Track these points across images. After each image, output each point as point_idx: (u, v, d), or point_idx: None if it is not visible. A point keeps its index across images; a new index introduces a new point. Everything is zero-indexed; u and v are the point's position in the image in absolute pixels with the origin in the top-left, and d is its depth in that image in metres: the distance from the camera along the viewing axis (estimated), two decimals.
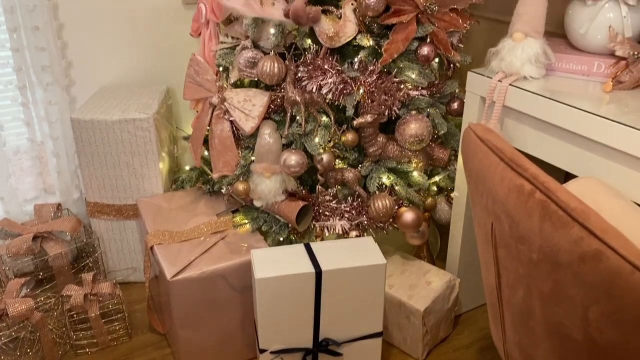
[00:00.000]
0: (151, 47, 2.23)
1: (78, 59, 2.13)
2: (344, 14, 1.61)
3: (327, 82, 1.63)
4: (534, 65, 1.46)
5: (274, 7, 1.62)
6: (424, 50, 1.65)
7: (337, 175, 1.75)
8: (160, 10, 2.21)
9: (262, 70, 1.65)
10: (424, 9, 1.62)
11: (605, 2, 1.42)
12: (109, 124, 1.89)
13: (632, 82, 1.38)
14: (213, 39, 1.84)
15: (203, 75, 1.79)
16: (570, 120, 1.31)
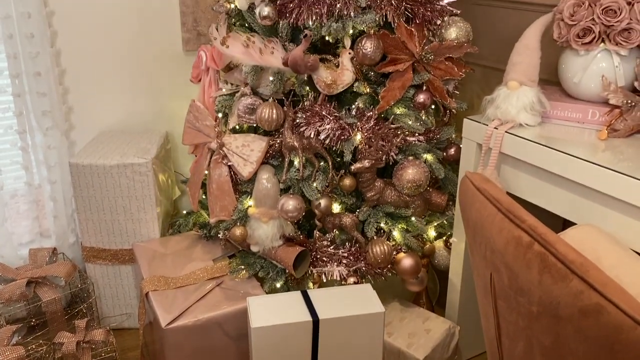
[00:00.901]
0: (151, 92, 2.26)
1: (78, 104, 2.15)
2: (342, 63, 1.64)
3: (325, 128, 1.65)
4: (529, 113, 1.47)
5: (273, 56, 1.65)
6: (420, 97, 1.67)
7: (334, 220, 1.74)
8: (161, 57, 2.25)
9: (261, 116, 1.67)
10: (420, 58, 1.65)
11: (597, 52, 1.44)
12: (107, 169, 1.90)
13: (626, 130, 1.39)
14: (213, 86, 1.87)
15: (202, 121, 1.81)
16: (567, 167, 1.32)
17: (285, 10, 1.61)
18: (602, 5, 1.39)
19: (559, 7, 1.51)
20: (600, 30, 1.41)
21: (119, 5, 2.11)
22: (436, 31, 1.68)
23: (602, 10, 1.39)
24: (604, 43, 1.43)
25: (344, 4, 1.56)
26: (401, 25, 1.62)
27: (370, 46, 1.58)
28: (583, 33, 1.43)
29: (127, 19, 2.14)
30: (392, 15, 1.59)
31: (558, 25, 1.50)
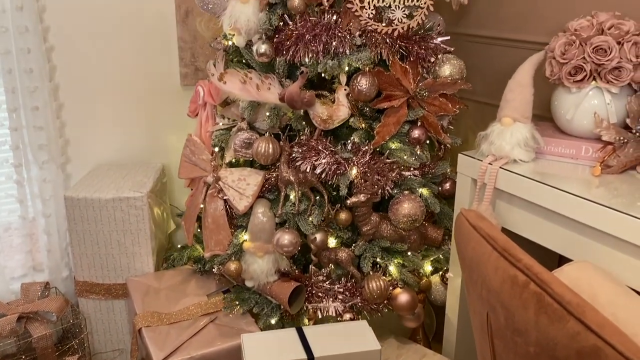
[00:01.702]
0: (148, 125, 2.28)
1: (75, 137, 2.16)
2: (337, 99, 1.66)
3: (321, 162, 1.65)
4: (523, 149, 1.48)
5: (270, 91, 1.67)
6: (415, 133, 1.69)
7: (330, 255, 1.74)
8: (158, 91, 2.27)
9: (257, 150, 1.68)
10: (415, 94, 1.67)
11: (589, 89, 1.46)
12: (102, 202, 1.89)
13: (619, 166, 1.40)
14: (210, 120, 1.89)
15: (199, 155, 1.82)
16: (561, 203, 1.32)
17: (282, 47, 1.64)
18: (593, 44, 1.42)
19: (550, 45, 1.54)
20: (592, 69, 1.43)
21: (118, 40, 2.14)
22: (430, 68, 1.71)
23: (592, 49, 1.42)
24: (595, 81, 1.45)
25: (339, 42, 1.58)
26: (396, 62, 1.64)
27: (366, 83, 1.61)
28: (574, 71, 1.46)
29: (126, 53, 2.17)
30: (387, 53, 1.62)
31: (550, 63, 1.53)
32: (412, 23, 1.61)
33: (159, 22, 2.19)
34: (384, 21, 1.60)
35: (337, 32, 1.59)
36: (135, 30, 2.16)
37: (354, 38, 1.60)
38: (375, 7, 1.58)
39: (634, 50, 1.40)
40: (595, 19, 1.47)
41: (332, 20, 1.59)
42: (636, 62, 1.40)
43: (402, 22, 1.60)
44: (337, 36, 1.59)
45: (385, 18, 1.60)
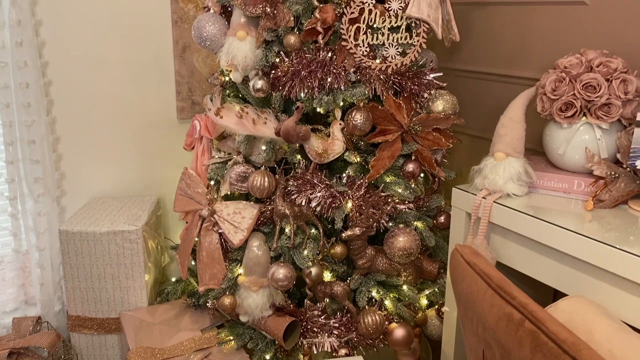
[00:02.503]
0: (145, 158, 2.29)
1: (71, 171, 2.17)
2: (333, 133, 1.68)
3: (316, 195, 1.66)
4: (516, 183, 1.50)
5: (266, 126, 1.69)
6: (409, 167, 1.70)
7: (325, 289, 1.73)
8: (155, 124, 2.29)
9: (253, 184, 1.69)
10: (408, 129, 1.69)
11: (580, 125, 1.49)
12: (97, 236, 1.89)
13: (611, 200, 1.41)
14: (206, 154, 1.90)
15: (194, 188, 1.82)
16: (554, 238, 1.33)
17: (278, 83, 1.66)
18: (582, 81, 1.45)
19: (541, 82, 1.57)
20: (582, 105, 1.46)
21: (116, 74, 2.17)
22: (423, 103, 1.74)
23: (582, 86, 1.45)
24: (585, 117, 1.48)
25: (334, 78, 1.61)
26: (390, 98, 1.67)
27: (360, 118, 1.63)
28: (565, 107, 1.49)
29: (124, 87, 2.19)
30: (381, 89, 1.65)
31: (541, 99, 1.56)
32: (406, 60, 1.64)
33: (156, 56, 2.22)
34: (377, 58, 1.63)
35: (332, 68, 1.61)
36: (133, 65, 2.19)
37: (349, 74, 1.63)
38: (369, 45, 1.61)
39: (622, 87, 1.43)
40: (584, 56, 1.50)
41: (327, 57, 1.62)
42: (625, 98, 1.43)
43: (396, 59, 1.63)
44: (332, 72, 1.61)
45: (379, 55, 1.63)
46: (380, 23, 1.60)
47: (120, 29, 2.14)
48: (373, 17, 1.59)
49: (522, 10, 1.89)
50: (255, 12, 1.61)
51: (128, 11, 2.13)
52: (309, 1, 1.59)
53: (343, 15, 1.59)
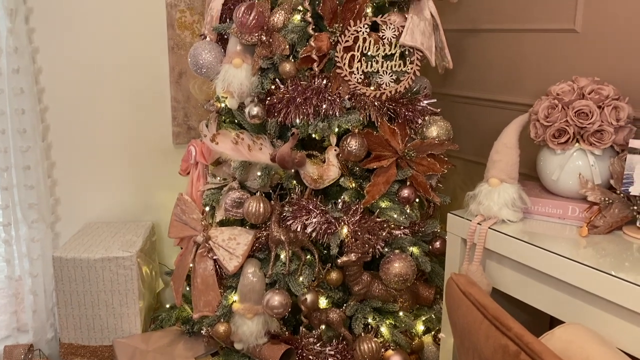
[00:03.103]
0: (140, 183, 2.29)
1: (66, 196, 2.16)
2: (328, 159, 1.69)
3: (312, 221, 1.66)
4: (511, 209, 1.50)
5: (262, 152, 1.70)
6: (404, 192, 1.71)
7: (321, 316, 1.72)
8: (150, 149, 2.29)
9: (248, 210, 1.69)
10: (403, 155, 1.70)
11: (573, 151, 1.50)
12: (91, 262, 1.87)
13: (606, 226, 1.42)
14: (201, 179, 1.90)
15: (189, 214, 1.82)
16: (550, 265, 1.33)
17: (274, 109, 1.67)
18: (575, 108, 1.47)
19: (534, 108, 1.59)
20: (575, 131, 1.47)
21: (112, 99, 2.18)
22: (418, 129, 1.75)
23: (574, 113, 1.46)
24: (578, 143, 1.49)
25: (329, 105, 1.62)
26: (384, 124, 1.68)
27: (355, 144, 1.64)
28: (558, 133, 1.50)
29: (119, 112, 2.20)
30: (376, 115, 1.66)
31: (534, 126, 1.57)
32: (400, 87, 1.66)
33: (153, 82, 2.24)
34: (372, 85, 1.65)
35: (327, 95, 1.63)
36: (129, 90, 2.20)
37: (344, 101, 1.64)
38: (363, 72, 1.63)
39: (614, 114, 1.44)
40: (576, 83, 1.52)
41: (322, 84, 1.64)
42: (617, 125, 1.44)
43: (390, 87, 1.65)
44: (327, 99, 1.63)
45: (374, 82, 1.65)
46: (375, 51, 1.62)
47: (117, 55, 2.15)
48: (367, 45, 1.61)
49: (515, 37, 1.92)
50: (251, 40, 1.62)
51: (125, 37, 2.15)
52: (304, 30, 1.61)
53: (338, 44, 1.61)
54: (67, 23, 2.06)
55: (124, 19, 2.14)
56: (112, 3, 2.10)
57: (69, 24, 2.06)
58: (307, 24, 1.60)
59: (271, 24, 1.60)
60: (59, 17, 2.04)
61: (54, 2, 2.02)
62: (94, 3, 2.08)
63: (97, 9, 2.09)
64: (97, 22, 2.10)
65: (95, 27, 2.10)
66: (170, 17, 2.20)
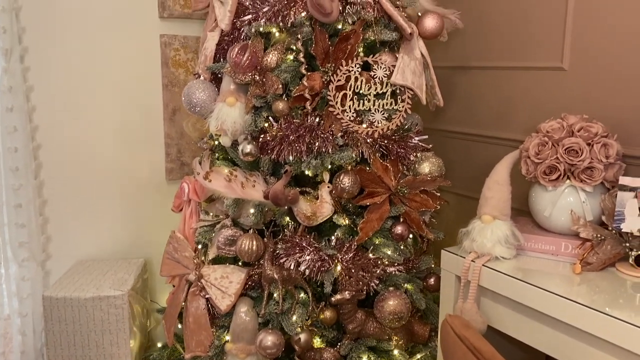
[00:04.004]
0: (132, 220, 2.27)
1: (57, 233, 2.15)
2: (321, 196, 1.69)
3: (305, 259, 1.65)
4: (504, 246, 1.50)
5: (255, 189, 1.70)
6: (398, 229, 1.71)
7: (315, 355, 1.69)
8: (143, 184, 2.29)
9: (241, 248, 1.68)
10: (396, 191, 1.71)
11: (564, 188, 1.51)
12: (81, 302, 1.85)
13: (599, 263, 1.42)
14: (194, 217, 1.89)
15: (181, 252, 1.81)
16: (544, 303, 1.32)
17: (267, 147, 1.68)
18: (564, 145, 1.48)
19: (524, 145, 1.60)
20: (565, 168, 1.49)
21: (106, 136, 2.19)
22: (410, 166, 1.76)
23: (564, 150, 1.48)
24: (569, 180, 1.50)
25: (322, 142, 1.64)
26: (377, 160, 1.69)
27: (348, 181, 1.64)
28: (549, 170, 1.51)
29: (113, 149, 2.20)
30: (368, 152, 1.67)
31: (525, 162, 1.58)
32: (391, 125, 1.67)
33: (146, 119, 2.25)
34: (364, 123, 1.67)
35: (320, 133, 1.64)
36: (123, 127, 2.21)
37: (336, 138, 1.66)
38: (355, 111, 1.65)
39: (603, 151, 1.46)
40: (565, 121, 1.54)
41: (315, 122, 1.65)
42: (606, 162, 1.46)
43: (382, 124, 1.67)
44: (320, 137, 1.64)
45: (366, 120, 1.67)
46: (366, 90, 1.64)
47: (111, 92, 2.17)
48: (359, 84, 1.64)
49: (504, 74, 1.95)
50: (244, 80, 1.64)
51: (119, 75, 2.17)
52: (296, 69, 1.63)
53: (330, 83, 1.63)
54: (62, 62, 2.08)
55: (118, 57, 2.16)
56: (107, 42, 2.13)
57: (64, 62, 2.08)
58: (300, 63, 1.63)
59: (264, 64, 1.62)
60: (54, 56, 2.06)
61: (49, 42, 2.04)
62: (89, 41, 2.10)
63: (92, 47, 2.11)
64: (92, 61, 2.12)
65: (90, 66, 2.12)
66: (165, 55, 2.22)
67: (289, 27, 1.62)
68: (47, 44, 2.04)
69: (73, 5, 2.06)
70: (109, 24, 2.12)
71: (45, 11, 2.02)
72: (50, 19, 2.03)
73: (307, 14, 1.59)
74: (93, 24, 2.10)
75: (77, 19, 2.08)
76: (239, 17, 1.69)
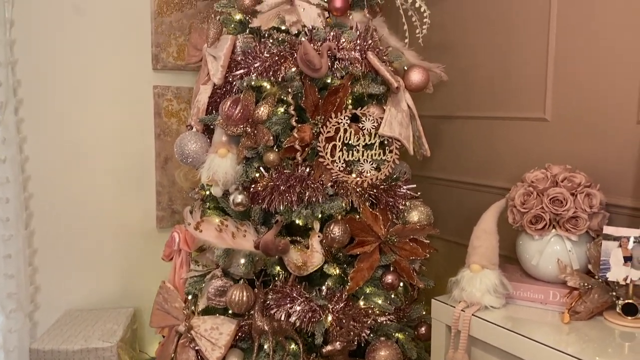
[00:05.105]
0: (121, 268, 2.27)
1: (46, 283, 2.13)
2: (312, 245, 1.70)
3: (296, 309, 1.65)
4: (493, 295, 1.51)
5: (245, 239, 1.71)
6: (388, 278, 1.71)
7: None
8: (134, 233, 2.29)
9: (231, 299, 1.67)
10: (386, 240, 1.72)
11: (550, 237, 1.54)
12: (69, 354, 1.82)
13: (587, 312, 1.43)
14: (184, 266, 1.89)
15: (172, 302, 1.80)
16: (534, 354, 1.32)
17: (258, 197, 1.70)
18: (549, 195, 1.52)
19: (510, 194, 1.64)
20: (551, 218, 1.52)
21: (98, 184, 2.20)
22: (399, 214, 1.78)
23: (549, 200, 1.51)
24: (555, 229, 1.53)
25: (312, 192, 1.66)
26: (366, 210, 1.71)
27: (338, 231, 1.66)
28: (535, 220, 1.54)
29: (104, 198, 2.22)
30: (358, 202, 1.69)
31: (512, 212, 1.61)
32: (380, 175, 1.71)
33: (138, 167, 2.27)
34: (353, 173, 1.70)
35: (310, 182, 1.67)
36: (115, 176, 2.23)
37: (326, 188, 1.68)
38: (345, 161, 1.68)
39: (587, 201, 1.50)
40: (549, 171, 1.58)
41: (305, 173, 1.68)
42: (590, 212, 1.49)
43: (371, 174, 1.70)
44: (310, 187, 1.66)
45: (355, 170, 1.70)
46: (355, 141, 1.68)
47: (104, 141, 2.20)
48: (348, 136, 1.68)
49: (489, 123, 2.01)
50: (236, 132, 1.68)
51: (113, 124, 2.20)
52: (287, 121, 1.67)
53: (320, 134, 1.67)
54: (56, 113, 2.11)
55: (112, 108, 2.20)
56: (100, 93, 2.17)
57: (58, 113, 2.11)
58: (291, 116, 1.67)
59: (256, 116, 1.66)
60: (49, 106, 2.09)
61: (44, 94, 2.08)
62: (84, 92, 2.15)
63: (86, 98, 2.15)
64: (86, 111, 2.16)
65: (83, 116, 2.16)
66: (158, 105, 2.26)
67: (279, 81, 1.67)
68: (42, 95, 2.08)
69: (68, 58, 2.11)
70: (103, 75, 2.17)
71: (41, 64, 2.06)
72: (45, 71, 2.07)
73: (297, 69, 1.64)
74: (87, 75, 2.14)
75: (72, 71, 2.12)
76: (231, 72, 1.74)
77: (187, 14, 2.27)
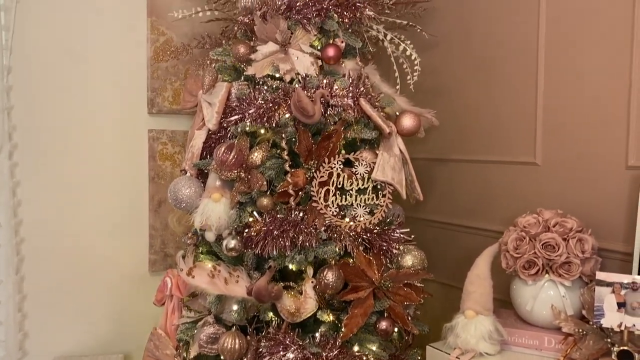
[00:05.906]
0: (113, 313, 2.23)
1: (35, 329, 2.09)
2: (305, 291, 1.69)
3: (289, 358, 1.63)
4: (488, 342, 1.50)
5: (238, 285, 1.69)
6: (382, 325, 1.70)
7: None
8: (125, 277, 2.26)
9: (224, 347, 1.65)
10: (380, 285, 1.71)
11: (544, 282, 1.54)
12: None
13: (583, 359, 1.42)
14: (176, 312, 1.87)
15: (163, 349, 1.77)
16: None
17: (251, 242, 1.70)
18: (541, 240, 1.53)
19: (503, 239, 1.65)
20: (544, 263, 1.52)
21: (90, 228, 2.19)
22: (393, 258, 1.78)
23: (541, 246, 1.52)
24: (548, 274, 1.53)
25: (306, 237, 1.66)
26: (360, 254, 1.71)
27: (332, 276, 1.65)
28: (528, 265, 1.55)
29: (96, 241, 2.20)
30: (351, 246, 1.69)
31: (505, 256, 1.62)
32: (374, 219, 1.71)
33: (132, 210, 2.26)
34: (347, 217, 1.70)
35: (304, 227, 1.67)
36: (107, 218, 2.22)
37: (320, 233, 1.68)
38: (338, 206, 1.69)
39: (579, 246, 1.51)
40: (540, 216, 1.60)
41: (298, 217, 1.68)
42: (582, 257, 1.50)
43: (364, 218, 1.70)
44: (303, 231, 1.66)
45: (349, 215, 1.70)
46: (348, 185, 1.69)
47: (98, 185, 2.20)
48: (341, 180, 1.69)
49: (481, 167, 2.03)
50: (230, 177, 1.69)
51: (107, 168, 2.21)
52: (281, 167, 1.68)
53: (313, 179, 1.68)
54: (50, 157, 2.11)
55: (106, 152, 2.21)
56: (95, 138, 2.18)
57: (52, 156, 2.12)
58: (284, 161, 1.68)
59: (250, 161, 1.67)
60: (42, 151, 2.10)
61: (39, 139, 2.08)
62: (78, 136, 2.15)
63: (80, 142, 2.16)
64: (80, 155, 2.16)
65: (77, 160, 2.16)
66: (152, 149, 2.28)
67: (273, 127, 1.69)
68: (36, 140, 2.08)
69: (64, 102, 2.13)
70: (98, 119, 2.19)
71: (36, 110, 2.08)
72: (40, 116, 2.09)
73: (291, 115, 1.66)
74: (82, 118, 2.16)
75: (68, 115, 2.14)
76: (226, 117, 1.76)
77: (183, 60, 2.31)
